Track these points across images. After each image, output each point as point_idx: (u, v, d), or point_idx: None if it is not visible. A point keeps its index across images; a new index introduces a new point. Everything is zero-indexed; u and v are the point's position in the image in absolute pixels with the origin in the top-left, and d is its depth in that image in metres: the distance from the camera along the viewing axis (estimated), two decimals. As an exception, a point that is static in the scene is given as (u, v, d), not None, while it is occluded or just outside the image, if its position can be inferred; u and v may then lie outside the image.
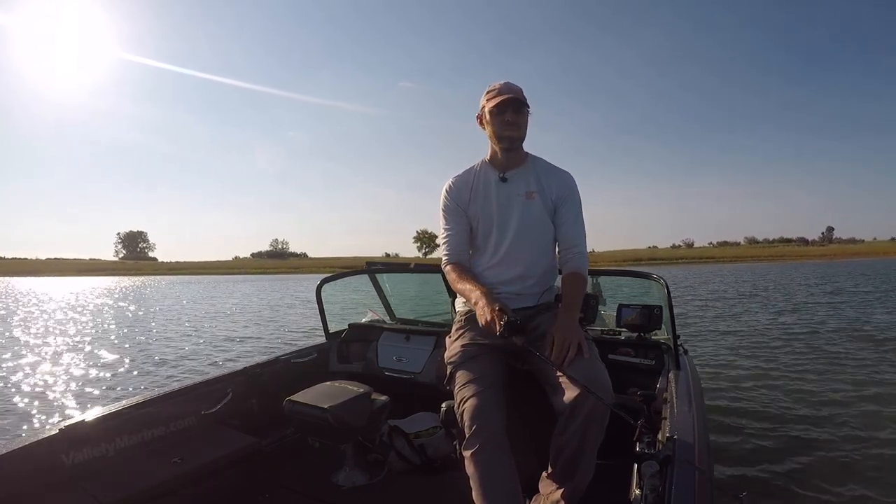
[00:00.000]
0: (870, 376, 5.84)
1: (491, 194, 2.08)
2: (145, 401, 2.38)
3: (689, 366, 2.57)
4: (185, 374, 7.09)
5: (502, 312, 1.77)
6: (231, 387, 2.71)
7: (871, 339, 8.19)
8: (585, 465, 1.74)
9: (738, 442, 3.95)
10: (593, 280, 3.64)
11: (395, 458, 2.54)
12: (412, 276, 3.83)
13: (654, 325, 2.76)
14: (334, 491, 2.38)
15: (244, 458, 2.36)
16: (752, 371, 6.26)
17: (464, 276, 2.03)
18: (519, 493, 1.70)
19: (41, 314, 17.41)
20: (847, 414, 4.54)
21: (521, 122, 2.02)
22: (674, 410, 1.93)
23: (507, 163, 2.08)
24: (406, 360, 3.06)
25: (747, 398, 5.11)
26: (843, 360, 6.75)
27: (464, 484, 1.70)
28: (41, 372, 7.32)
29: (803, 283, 23.38)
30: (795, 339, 8.45)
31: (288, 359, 3.07)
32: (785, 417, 4.51)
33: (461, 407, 1.78)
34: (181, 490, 2.10)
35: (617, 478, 1.86)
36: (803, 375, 5.96)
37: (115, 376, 7.05)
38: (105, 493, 1.92)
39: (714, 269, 45.91)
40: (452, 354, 1.97)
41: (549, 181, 2.07)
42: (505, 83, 2.01)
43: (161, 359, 8.29)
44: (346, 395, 2.41)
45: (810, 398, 5.06)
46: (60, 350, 9.36)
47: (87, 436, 2.11)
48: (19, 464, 1.89)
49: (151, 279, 63.67)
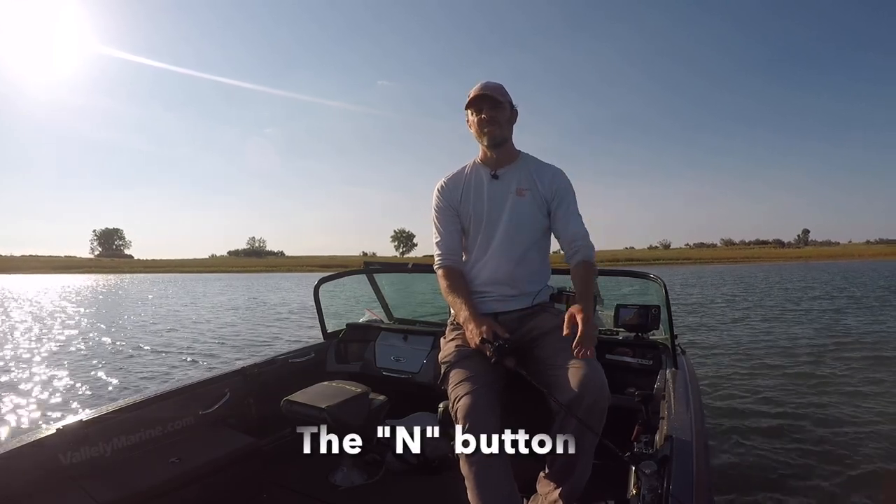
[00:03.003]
0: (866, 376, 5.90)
1: (483, 192, 2.08)
2: (143, 400, 2.38)
3: (687, 366, 2.57)
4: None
5: (492, 334, 1.78)
6: (229, 387, 2.70)
7: (863, 341, 8.27)
8: (583, 464, 1.75)
9: (737, 442, 3.97)
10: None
11: (393, 459, 2.53)
12: (410, 276, 3.82)
13: (652, 326, 2.78)
14: (332, 491, 2.38)
15: (242, 458, 2.35)
16: (751, 371, 6.30)
17: (454, 287, 2.02)
18: (516, 494, 1.70)
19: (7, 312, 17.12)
20: (846, 413, 4.58)
21: (500, 118, 2.02)
22: (671, 410, 1.93)
23: (497, 161, 2.09)
24: (404, 360, 3.05)
25: (745, 398, 5.13)
26: (843, 359, 6.81)
27: (461, 484, 1.70)
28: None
29: (791, 284, 23.59)
30: (794, 338, 8.53)
31: (286, 359, 3.06)
32: (783, 417, 4.54)
33: (455, 406, 1.77)
34: (179, 490, 2.09)
35: (615, 478, 1.87)
36: (801, 375, 6.01)
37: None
38: (103, 493, 1.92)
39: (693, 271, 46.53)
40: (447, 354, 1.96)
41: (542, 178, 2.06)
42: (483, 83, 2.02)
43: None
44: (343, 395, 2.41)
45: (808, 398, 5.09)
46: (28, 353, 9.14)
47: (85, 436, 2.10)
48: (17, 464, 1.88)
49: (127, 277, 62.68)
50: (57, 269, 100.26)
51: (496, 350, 1.73)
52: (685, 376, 2.37)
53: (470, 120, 2.06)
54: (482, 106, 2.01)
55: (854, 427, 4.23)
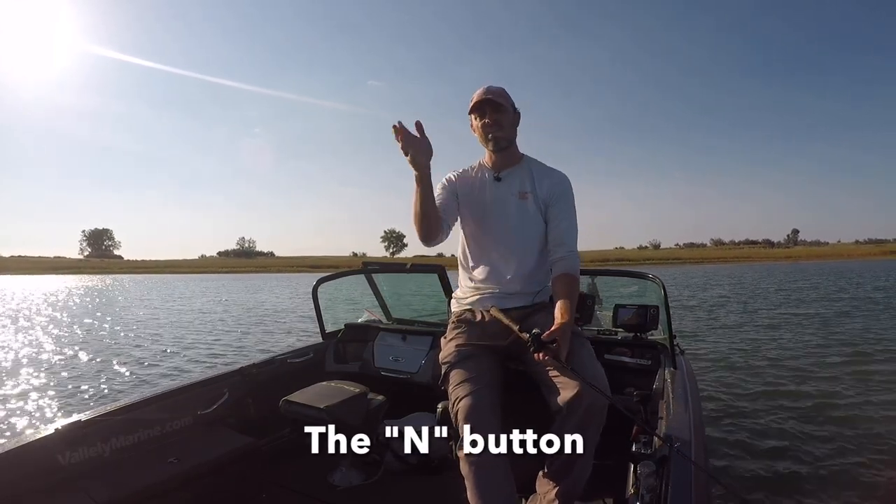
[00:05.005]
0: (867, 376, 5.93)
1: (485, 192, 2.10)
2: (142, 401, 2.37)
3: (685, 366, 2.58)
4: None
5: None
6: (227, 387, 2.70)
7: (863, 340, 8.32)
8: (582, 464, 1.75)
9: (735, 442, 3.98)
10: (590, 280, 3.67)
11: (392, 459, 2.54)
12: (409, 276, 3.81)
13: (650, 326, 2.78)
14: (331, 491, 2.38)
15: (241, 458, 2.35)
16: (750, 371, 6.32)
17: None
18: (514, 494, 1.70)
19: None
20: (845, 413, 4.60)
21: (503, 122, 2.04)
22: (670, 410, 1.94)
23: (501, 163, 2.11)
24: (403, 360, 3.05)
25: (744, 398, 5.15)
26: (841, 359, 6.85)
27: (460, 484, 1.70)
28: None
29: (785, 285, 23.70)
30: (793, 339, 8.57)
31: (284, 359, 3.06)
32: (782, 417, 4.55)
33: (455, 406, 1.78)
34: (178, 490, 2.09)
35: (614, 477, 1.88)
36: (802, 375, 6.04)
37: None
38: (102, 493, 1.91)
39: (683, 271, 46.72)
40: (447, 354, 1.97)
41: (542, 181, 2.08)
42: (486, 87, 2.03)
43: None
44: (342, 395, 2.41)
45: (807, 397, 5.11)
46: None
47: (84, 436, 2.10)
48: (15, 464, 1.88)
49: (117, 278, 62.13)
50: (46, 270, 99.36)
51: (533, 339, 1.70)
52: (684, 376, 2.38)
53: (474, 124, 2.08)
54: (485, 110, 2.02)
55: (854, 427, 4.24)
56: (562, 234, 2.04)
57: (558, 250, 2.02)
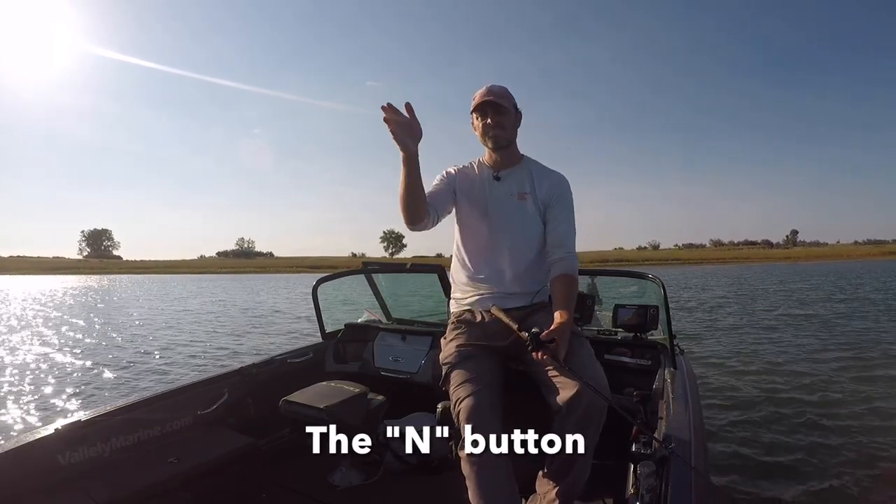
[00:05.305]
0: (866, 376, 5.94)
1: (484, 190, 2.10)
2: (141, 401, 2.37)
3: (685, 366, 2.58)
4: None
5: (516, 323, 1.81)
6: (227, 387, 2.69)
7: (860, 340, 8.33)
8: (581, 464, 1.76)
9: (735, 442, 3.98)
10: (590, 280, 3.67)
11: (392, 459, 2.54)
12: (409, 276, 3.81)
13: (650, 326, 2.78)
14: (331, 491, 2.38)
15: (240, 458, 2.35)
16: (749, 372, 6.33)
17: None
18: (515, 494, 1.70)
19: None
20: (845, 413, 4.61)
21: (504, 122, 2.04)
22: (670, 411, 1.94)
23: (500, 162, 2.12)
24: (403, 360, 3.05)
25: (744, 398, 5.16)
26: (841, 360, 6.85)
27: (460, 484, 1.70)
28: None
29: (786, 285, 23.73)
30: (791, 339, 8.58)
31: (284, 359, 3.06)
32: (781, 417, 4.56)
33: (457, 407, 1.78)
34: (178, 490, 2.09)
35: (613, 478, 1.88)
36: (801, 376, 6.04)
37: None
38: (101, 493, 1.91)
39: (682, 272, 46.68)
40: (448, 355, 1.97)
41: (541, 182, 2.09)
42: (488, 87, 2.04)
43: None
44: (342, 395, 2.41)
45: (808, 398, 5.12)
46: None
47: (84, 436, 2.10)
48: (15, 464, 1.88)
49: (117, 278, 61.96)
50: (45, 271, 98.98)
51: (532, 338, 1.71)
52: (684, 376, 2.38)
53: (475, 124, 2.08)
54: (487, 110, 2.03)
55: (854, 428, 4.25)
56: (561, 236, 2.05)
57: (557, 252, 2.03)
